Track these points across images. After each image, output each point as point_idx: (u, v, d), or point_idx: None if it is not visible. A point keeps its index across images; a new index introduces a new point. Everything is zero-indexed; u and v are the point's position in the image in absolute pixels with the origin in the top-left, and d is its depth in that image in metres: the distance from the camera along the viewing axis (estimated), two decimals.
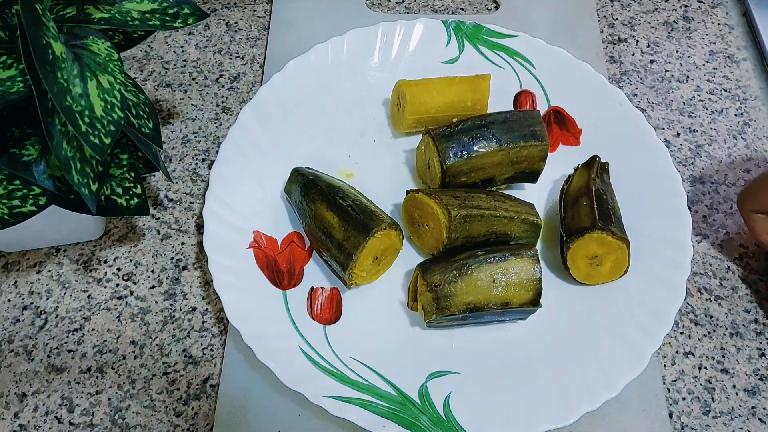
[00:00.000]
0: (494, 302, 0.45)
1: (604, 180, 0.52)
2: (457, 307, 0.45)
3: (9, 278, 0.50)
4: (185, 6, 0.43)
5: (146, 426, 0.45)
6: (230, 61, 0.62)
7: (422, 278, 0.45)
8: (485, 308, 0.45)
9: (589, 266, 0.48)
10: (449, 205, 0.46)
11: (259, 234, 0.51)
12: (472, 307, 0.45)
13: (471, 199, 0.48)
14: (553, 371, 0.46)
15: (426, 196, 0.47)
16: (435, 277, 0.45)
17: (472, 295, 0.45)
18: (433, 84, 0.55)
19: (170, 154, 0.57)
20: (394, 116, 0.57)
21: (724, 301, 0.51)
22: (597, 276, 0.49)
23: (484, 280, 0.45)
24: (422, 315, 0.46)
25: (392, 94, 0.56)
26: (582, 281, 0.49)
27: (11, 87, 0.36)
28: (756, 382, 0.48)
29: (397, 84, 0.55)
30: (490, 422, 0.43)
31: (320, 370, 0.45)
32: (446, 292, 0.45)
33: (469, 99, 0.54)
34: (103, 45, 0.39)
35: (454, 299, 0.45)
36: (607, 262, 0.48)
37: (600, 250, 0.47)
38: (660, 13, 0.67)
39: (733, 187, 0.56)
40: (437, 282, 0.45)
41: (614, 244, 0.47)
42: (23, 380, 0.46)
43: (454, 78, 0.55)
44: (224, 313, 0.49)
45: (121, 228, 0.53)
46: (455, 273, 0.45)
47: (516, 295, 0.45)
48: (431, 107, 0.54)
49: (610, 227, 0.47)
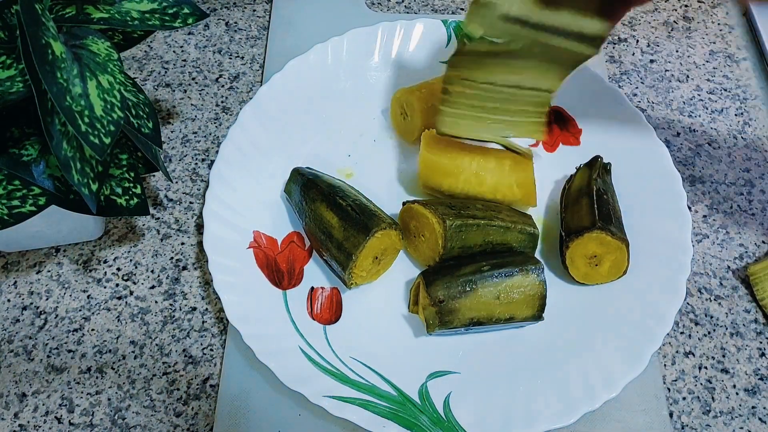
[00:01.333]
0: (498, 317, 0.45)
1: (606, 180, 0.52)
2: (460, 321, 0.45)
3: (9, 278, 0.50)
4: (185, 6, 0.43)
5: (146, 426, 0.45)
6: (230, 61, 0.62)
7: (425, 291, 0.45)
8: (488, 322, 0.45)
9: (588, 266, 0.48)
10: (444, 215, 0.46)
11: (259, 234, 0.51)
12: (475, 321, 0.45)
13: (466, 209, 0.48)
14: (553, 371, 0.46)
15: (421, 207, 0.47)
16: (439, 292, 0.45)
17: (476, 311, 0.45)
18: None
19: (170, 154, 0.57)
20: (398, 126, 0.56)
21: (724, 301, 0.51)
22: (596, 276, 0.49)
23: (489, 296, 0.45)
24: (423, 322, 0.46)
25: (393, 104, 0.56)
26: (581, 281, 0.49)
27: (11, 87, 0.36)
28: (756, 381, 0.48)
29: (398, 96, 0.54)
30: (490, 422, 0.43)
31: (320, 370, 0.45)
32: (450, 308, 0.45)
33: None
34: (103, 45, 0.39)
35: (457, 314, 0.45)
36: (605, 263, 0.48)
37: (599, 250, 0.47)
38: (660, 13, 0.67)
39: (733, 187, 0.56)
40: (441, 297, 0.45)
41: (613, 244, 0.47)
42: (23, 380, 0.46)
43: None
44: (224, 313, 0.49)
45: (121, 228, 0.53)
46: (460, 289, 0.45)
47: (520, 310, 0.46)
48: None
49: (610, 227, 0.47)
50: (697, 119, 0.60)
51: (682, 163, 0.58)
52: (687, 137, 0.59)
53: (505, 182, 0.50)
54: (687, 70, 0.63)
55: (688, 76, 0.63)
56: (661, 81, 0.62)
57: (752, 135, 0.59)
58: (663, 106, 0.61)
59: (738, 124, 0.60)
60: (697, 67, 0.63)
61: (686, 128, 0.59)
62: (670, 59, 0.64)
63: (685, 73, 0.63)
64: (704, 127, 0.60)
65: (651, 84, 0.62)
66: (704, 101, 0.61)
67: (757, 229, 0.54)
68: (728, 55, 0.64)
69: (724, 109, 0.61)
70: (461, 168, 0.50)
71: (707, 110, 0.61)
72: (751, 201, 0.56)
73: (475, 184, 0.50)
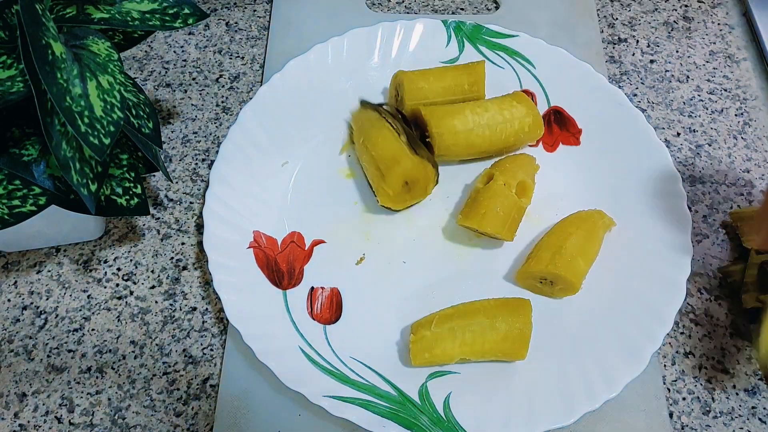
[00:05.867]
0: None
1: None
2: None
3: (9, 278, 0.50)
4: (185, 6, 0.43)
5: (146, 426, 0.45)
6: (230, 61, 0.62)
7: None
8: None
9: (543, 286, 0.49)
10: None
11: (259, 234, 0.51)
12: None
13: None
14: (553, 371, 0.46)
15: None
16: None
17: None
18: (430, 71, 0.55)
19: (170, 154, 0.57)
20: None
21: (724, 301, 0.51)
22: (555, 291, 0.49)
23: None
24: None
25: (390, 88, 0.56)
26: (554, 296, 0.49)
27: (11, 87, 0.36)
28: (756, 382, 0.48)
29: (394, 75, 0.55)
30: (490, 422, 0.43)
31: (320, 370, 0.45)
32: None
33: (465, 82, 0.55)
34: (103, 45, 0.39)
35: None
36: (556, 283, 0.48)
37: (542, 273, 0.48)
38: (660, 13, 0.67)
39: (733, 187, 0.56)
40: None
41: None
42: (23, 380, 0.46)
43: (450, 65, 0.56)
44: (224, 313, 0.49)
45: (121, 228, 0.53)
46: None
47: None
48: (429, 92, 0.54)
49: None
50: (697, 119, 0.60)
51: (682, 163, 0.58)
52: (687, 137, 0.59)
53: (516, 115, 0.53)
54: (687, 71, 0.63)
55: (688, 76, 0.63)
56: (661, 81, 0.62)
57: (752, 135, 0.59)
58: (663, 106, 0.61)
59: (738, 124, 0.60)
60: (697, 67, 0.63)
61: (686, 128, 0.59)
62: (670, 59, 0.64)
63: (685, 74, 0.63)
64: (704, 127, 0.60)
65: (651, 84, 0.62)
66: (704, 101, 0.61)
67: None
68: (728, 55, 0.64)
69: (724, 109, 0.61)
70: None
71: (707, 110, 0.61)
72: (751, 201, 0.56)
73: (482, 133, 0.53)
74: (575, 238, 0.48)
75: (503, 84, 0.58)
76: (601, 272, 0.50)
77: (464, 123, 0.52)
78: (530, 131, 0.53)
